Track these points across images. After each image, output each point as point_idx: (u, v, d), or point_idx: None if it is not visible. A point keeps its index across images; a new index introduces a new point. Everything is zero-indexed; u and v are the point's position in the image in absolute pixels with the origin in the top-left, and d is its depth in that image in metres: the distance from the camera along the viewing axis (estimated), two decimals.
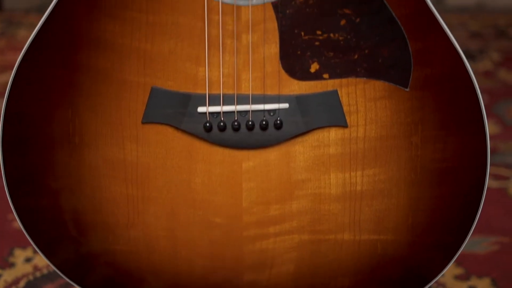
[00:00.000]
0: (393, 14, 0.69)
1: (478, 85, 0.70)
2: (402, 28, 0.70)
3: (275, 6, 0.70)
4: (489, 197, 1.14)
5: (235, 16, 0.71)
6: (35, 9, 2.25)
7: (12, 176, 0.75)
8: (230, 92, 0.72)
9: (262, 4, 0.70)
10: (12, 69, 0.72)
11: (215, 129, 0.73)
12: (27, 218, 0.77)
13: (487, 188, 0.74)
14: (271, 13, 0.70)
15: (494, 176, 1.32)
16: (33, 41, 0.72)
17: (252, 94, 0.73)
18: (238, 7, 0.71)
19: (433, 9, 0.70)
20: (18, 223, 0.77)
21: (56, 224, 0.77)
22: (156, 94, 0.73)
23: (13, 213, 0.78)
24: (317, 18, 0.70)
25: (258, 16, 0.70)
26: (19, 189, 0.76)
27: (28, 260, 1.11)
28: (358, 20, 0.70)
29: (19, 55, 0.73)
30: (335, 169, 0.73)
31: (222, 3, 0.70)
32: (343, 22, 0.70)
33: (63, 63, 0.73)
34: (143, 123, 0.74)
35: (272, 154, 0.74)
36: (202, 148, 0.74)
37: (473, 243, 1.15)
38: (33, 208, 0.77)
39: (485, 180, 0.72)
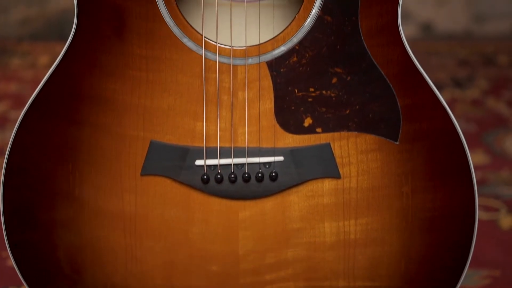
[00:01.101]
0: (382, 72, 0.73)
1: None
2: (391, 86, 0.73)
3: (269, 65, 0.74)
4: (480, 229, 1.15)
5: (231, 74, 0.74)
6: (28, 37, 2.27)
7: (11, 226, 0.77)
8: (227, 145, 0.75)
9: (257, 64, 0.73)
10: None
11: (212, 181, 0.75)
12: (24, 264, 0.79)
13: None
14: (266, 71, 0.73)
15: (484, 208, 1.32)
16: (36, 97, 0.75)
17: (248, 147, 0.75)
18: (234, 66, 0.74)
19: (420, 68, 0.73)
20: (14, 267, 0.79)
21: (53, 269, 0.79)
22: (155, 148, 0.75)
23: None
24: (310, 76, 0.73)
25: (254, 74, 0.74)
26: (19, 238, 0.78)
27: None
28: (349, 78, 0.73)
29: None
30: (329, 218, 0.76)
31: (219, 62, 0.74)
32: (334, 80, 0.73)
33: (64, 119, 0.75)
34: (142, 175, 0.76)
35: (267, 204, 0.76)
36: (200, 199, 0.76)
37: (464, 277, 1.16)
38: (31, 255, 0.78)
39: (474, 227, 0.75)
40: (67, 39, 0.72)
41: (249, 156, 0.75)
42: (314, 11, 0.72)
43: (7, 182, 0.76)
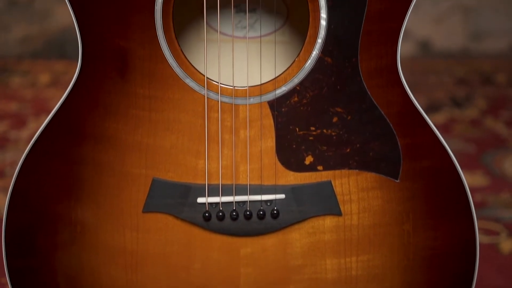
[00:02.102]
0: (382, 112, 0.74)
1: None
2: (391, 125, 0.74)
3: (271, 104, 0.74)
4: (480, 253, 1.14)
5: (233, 114, 0.74)
6: (29, 56, 2.28)
7: (13, 262, 0.78)
8: (229, 182, 0.76)
9: (258, 103, 0.74)
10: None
11: (214, 219, 0.76)
12: None
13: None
14: (267, 111, 0.74)
15: (484, 231, 1.31)
16: (41, 134, 0.75)
17: (249, 185, 0.76)
18: (236, 106, 0.74)
19: (419, 108, 0.74)
20: None
21: None
22: (157, 185, 0.76)
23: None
24: (311, 116, 0.74)
25: (255, 113, 0.74)
26: (20, 272, 0.78)
27: None
28: (349, 117, 0.74)
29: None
30: (330, 255, 0.76)
31: (221, 102, 0.74)
32: (335, 119, 0.74)
33: (67, 157, 0.76)
34: (144, 212, 0.77)
35: (269, 241, 0.77)
36: (201, 235, 0.77)
37: None
38: (30, 283, 0.78)
39: (475, 263, 0.76)
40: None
41: (250, 194, 0.75)
42: (315, 53, 0.73)
43: (9, 217, 0.77)
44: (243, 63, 0.81)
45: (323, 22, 0.71)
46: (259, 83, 0.75)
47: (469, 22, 2.19)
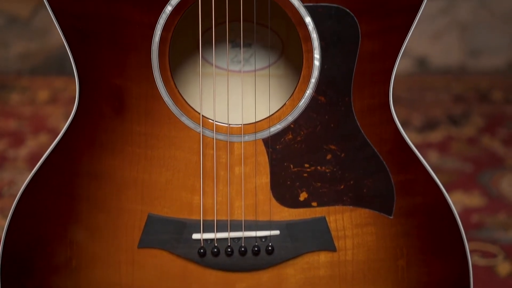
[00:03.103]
0: (375, 150, 0.75)
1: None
2: (384, 163, 0.75)
3: (265, 142, 0.75)
4: (477, 276, 1.13)
5: (228, 151, 0.75)
6: (28, 72, 2.29)
7: None
8: (224, 218, 0.76)
9: (253, 141, 0.75)
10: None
11: (209, 255, 0.77)
12: None
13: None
14: (262, 148, 0.75)
15: (482, 253, 1.30)
16: (38, 171, 0.76)
17: (244, 221, 0.76)
18: (231, 143, 0.75)
19: (411, 145, 0.75)
20: None
21: None
22: (152, 221, 0.76)
23: None
24: (305, 153, 0.75)
25: (250, 150, 0.75)
26: None
27: None
28: (343, 155, 0.75)
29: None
30: None
31: (216, 139, 0.75)
32: (329, 156, 0.75)
33: (63, 193, 0.77)
34: (139, 247, 0.77)
35: (264, 276, 0.77)
36: (196, 271, 0.77)
37: None
38: None
39: None
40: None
41: (245, 230, 0.76)
42: (309, 92, 0.73)
43: (5, 252, 0.77)
44: (238, 98, 0.82)
45: (317, 63, 0.73)
46: (254, 120, 0.75)
47: (466, 39, 2.20)
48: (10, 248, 0.77)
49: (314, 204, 0.76)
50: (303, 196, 0.76)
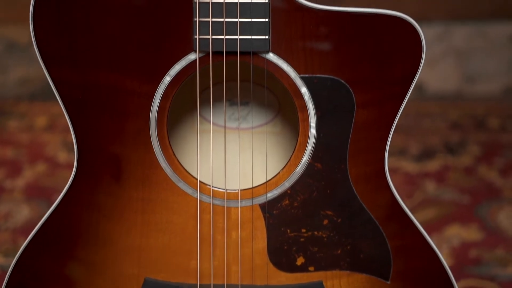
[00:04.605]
0: (372, 216, 0.75)
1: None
2: (381, 228, 0.75)
3: (262, 207, 0.76)
4: None
5: (225, 216, 0.76)
6: (27, 97, 2.29)
7: None
8: (220, 282, 0.77)
9: (250, 206, 0.76)
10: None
11: None
12: None
13: None
14: (259, 213, 0.76)
15: None
16: (35, 234, 0.76)
17: (241, 285, 0.77)
18: (228, 208, 0.76)
19: (407, 211, 0.75)
20: None
21: None
22: (149, 285, 0.77)
23: None
24: (302, 218, 0.76)
25: (247, 215, 0.76)
26: None
27: None
28: (339, 220, 0.75)
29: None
30: None
31: (213, 204, 0.76)
32: (325, 221, 0.75)
33: (60, 256, 0.77)
34: None
35: None
36: None
37: None
38: None
39: None
40: None
41: None
42: (305, 158, 0.74)
43: None
44: (235, 155, 0.83)
45: (313, 131, 0.73)
46: (251, 183, 0.76)
47: (462, 65, 2.21)
48: None
49: (311, 268, 0.76)
50: (300, 260, 0.76)
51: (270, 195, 0.75)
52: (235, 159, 0.82)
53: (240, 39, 0.71)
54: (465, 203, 1.68)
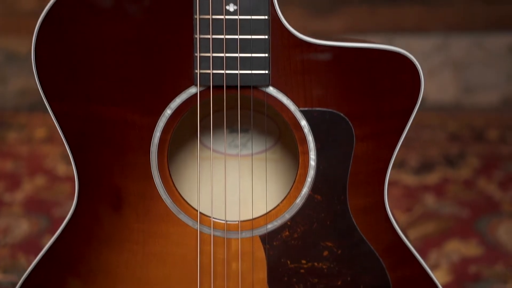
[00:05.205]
0: (372, 247, 0.76)
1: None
2: (381, 259, 0.76)
3: (262, 238, 0.76)
4: None
5: (225, 247, 0.76)
6: (26, 108, 2.29)
7: None
8: None
9: (250, 237, 0.76)
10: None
11: None
12: None
13: None
14: (259, 244, 0.76)
15: None
16: (36, 266, 0.76)
17: None
18: (229, 239, 0.76)
19: (407, 243, 0.76)
20: None
21: None
22: None
23: None
24: (302, 249, 0.76)
25: (247, 247, 0.76)
26: None
27: None
28: (339, 251, 0.75)
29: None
30: None
31: (214, 235, 0.76)
32: (326, 253, 0.76)
33: (61, 287, 0.77)
34: None
35: None
36: None
37: None
38: None
39: None
40: None
41: None
42: (305, 190, 0.75)
43: None
44: (235, 183, 0.83)
45: (312, 163, 0.74)
46: (251, 214, 0.76)
47: (460, 76, 2.22)
48: None
49: None
50: None
51: (270, 226, 0.75)
52: (235, 186, 0.82)
53: (240, 73, 0.71)
54: (464, 217, 1.68)
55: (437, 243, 1.46)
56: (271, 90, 0.73)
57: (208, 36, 0.71)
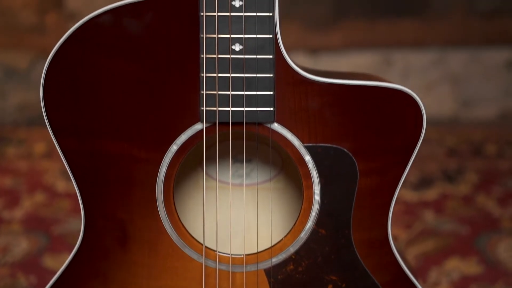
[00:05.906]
0: (375, 280, 0.76)
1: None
2: None
3: (267, 272, 0.77)
4: None
5: (230, 281, 0.76)
6: (25, 123, 2.29)
7: None
8: None
9: (255, 271, 0.76)
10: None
11: None
12: None
13: None
14: (263, 278, 0.76)
15: None
16: None
17: None
18: (233, 273, 0.77)
19: (411, 277, 0.76)
20: None
21: None
22: None
23: None
24: (306, 283, 0.76)
25: (252, 280, 0.76)
26: None
27: None
28: (344, 285, 0.76)
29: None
30: None
31: (219, 269, 0.76)
32: (330, 286, 0.76)
33: None
34: None
35: None
36: None
37: None
38: None
39: None
40: None
41: None
42: (309, 224, 0.75)
43: None
44: (240, 214, 0.83)
45: (317, 197, 0.75)
46: (256, 246, 0.77)
47: (458, 91, 2.23)
48: None
49: None
50: None
51: (275, 260, 0.76)
52: (240, 216, 0.83)
53: (245, 111, 0.72)
54: (464, 234, 1.68)
55: (437, 261, 1.46)
56: (276, 126, 0.74)
57: (214, 75, 0.72)
